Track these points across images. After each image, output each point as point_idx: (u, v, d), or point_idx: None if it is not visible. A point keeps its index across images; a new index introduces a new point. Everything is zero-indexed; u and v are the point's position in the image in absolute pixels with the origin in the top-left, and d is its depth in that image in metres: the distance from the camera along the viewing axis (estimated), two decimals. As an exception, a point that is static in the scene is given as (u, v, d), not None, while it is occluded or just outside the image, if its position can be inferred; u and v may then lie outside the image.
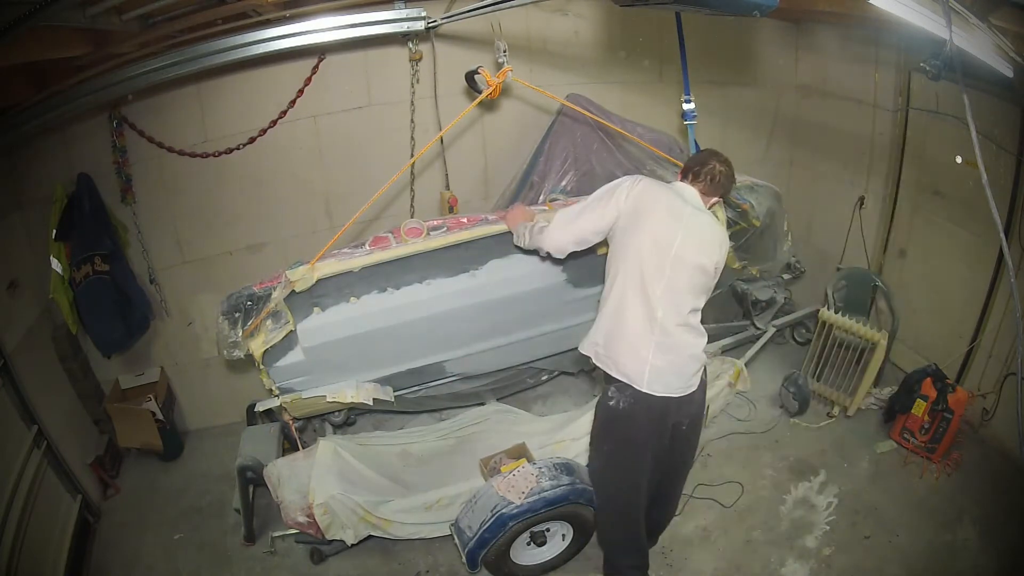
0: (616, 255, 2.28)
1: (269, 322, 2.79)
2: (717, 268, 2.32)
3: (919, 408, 3.45)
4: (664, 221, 2.22)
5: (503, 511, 2.71)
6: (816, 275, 4.30)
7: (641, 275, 2.20)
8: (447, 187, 4.05)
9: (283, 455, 3.30)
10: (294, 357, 2.95)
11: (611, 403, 2.33)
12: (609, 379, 2.34)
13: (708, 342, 2.44)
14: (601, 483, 2.64)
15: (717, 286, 2.46)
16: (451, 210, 3.91)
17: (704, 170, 2.31)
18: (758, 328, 4.10)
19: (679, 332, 2.24)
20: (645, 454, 2.37)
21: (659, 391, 2.25)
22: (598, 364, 2.35)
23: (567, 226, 2.37)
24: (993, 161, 3.11)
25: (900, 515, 3.20)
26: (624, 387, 2.29)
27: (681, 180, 2.38)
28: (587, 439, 3.24)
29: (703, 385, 2.43)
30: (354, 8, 3.08)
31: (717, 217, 2.82)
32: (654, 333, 2.21)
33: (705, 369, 2.43)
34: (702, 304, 2.35)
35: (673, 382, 2.27)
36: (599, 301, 2.40)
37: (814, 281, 4.31)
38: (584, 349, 2.40)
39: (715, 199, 2.38)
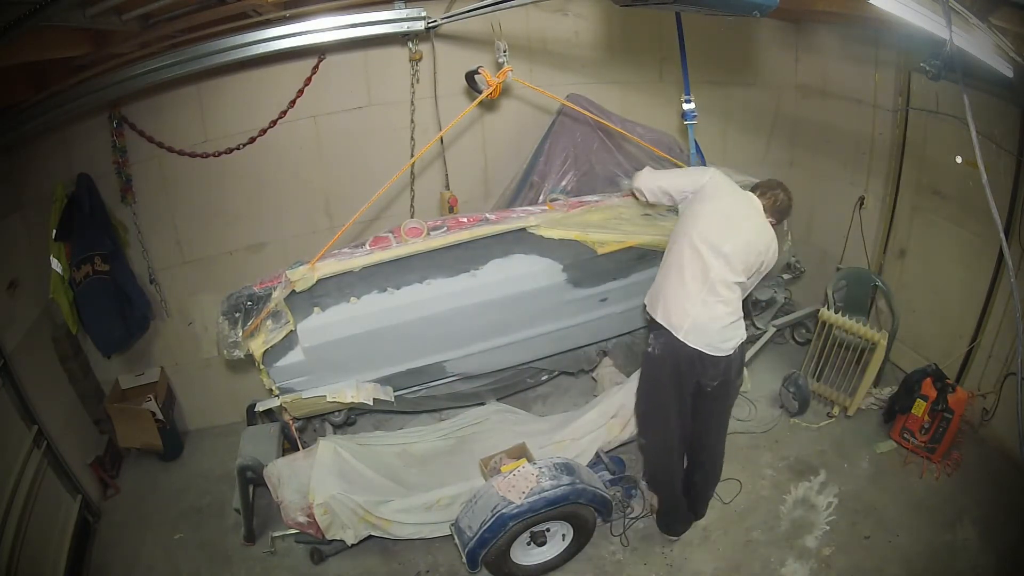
0: (686, 220, 2.63)
1: (269, 322, 2.79)
2: (763, 261, 2.64)
3: (919, 408, 3.45)
4: (735, 201, 2.63)
5: (503, 511, 2.71)
6: (816, 275, 4.30)
7: (704, 238, 2.54)
8: (447, 187, 4.06)
9: (283, 455, 3.30)
10: (294, 357, 2.95)
11: (649, 350, 2.73)
12: (652, 328, 2.72)
13: None
14: (643, 422, 3.01)
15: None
16: (451, 210, 3.91)
17: (771, 192, 2.72)
18: (758, 328, 4.11)
19: (725, 293, 2.56)
20: (671, 394, 2.73)
21: (692, 342, 2.57)
22: (649, 311, 2.70)
23: (656, 176, 2.76)
24: (993, 161, 3.11)
25: (900, 515, 3.20)
26: (661, 334, 2.64)
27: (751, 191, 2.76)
28: (587, 439, 3.28)
29: (736, 361, 2.72)
30: (354, 8, 3.08)
31: None
32: (703, 290, 2.54)
33: (743, 350, 2.76)
34: (746, 284, 2.66)
35: (706, 339, 2.57)
36: (660, 264, 2.72)
37: (814, 281, 4.31)
38: (646, 298, 2.76)
39: (770, 219, 2.71)
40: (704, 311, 2.55)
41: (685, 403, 2.80)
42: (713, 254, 2.53)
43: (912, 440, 3.52)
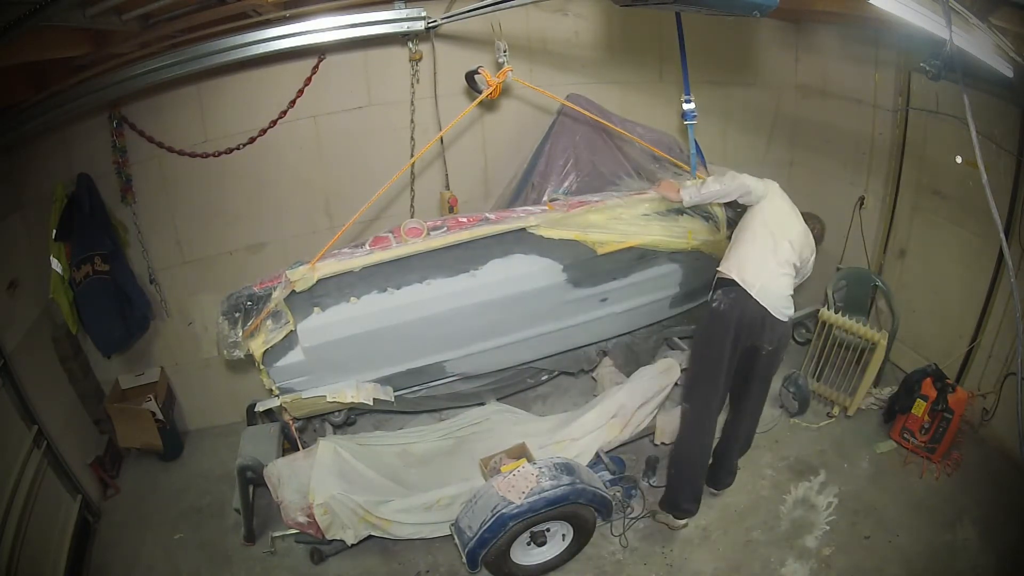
0: (755, 211, 2.98)
1: (269, 322, 2.79)
2: (807, 261, 3.06)
3: (919, 408, 3.45)
4: (791, 207, 3.04)
5: (503, 511, 2.71)
6: (816, 275, 4.27)
7: (774, 224, 2.93)
8: (447, 187, 4.06)
9: (283, 455, 3.30)
10: (294, 357, 2.95)
11: (714, 304, 2.91)
12: (719, 285, 2.94)
13: None
14: (691, 385, 3.12)
15: None
16: (451, 210, 3.91)
17: (812, 221, 3.18)
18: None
19: (788, 269, 2.93)
20: (726, 354, 2.89)
21: (762, 300, 2.82)
22: (722, 271, 2.93)
23: (735, 175, 3.02)
24: (993, 161, 3.11)
25: (900, 515, 3.20)
26: (731, 290, 2.87)
27: None
28: (587, 439, 3.28)
29: (789, 332, 3.05)
30: (354, 8, 3.08)
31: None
32: (773, 261, 2.89)
33: (791, 325, 3.06)
34: (797, 266, 2.98)
35: (772, 301, 2.85)
36: (729, 238, 3.10)
37: (814, 281, 4.28)
38: (720, 266, 2.98)
39: None
40: (772, 279, 2.87)
41: (733, 371, 2.97)
42: (781, 236, 2.90)
43: (912, 440, 3.52)
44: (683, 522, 3.19)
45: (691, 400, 3.08)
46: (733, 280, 2.86)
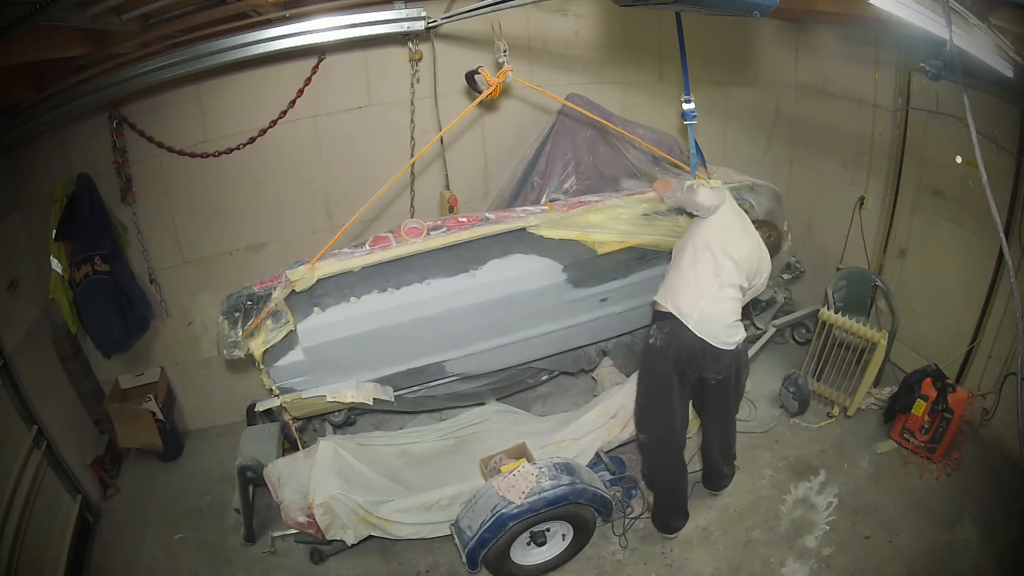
0: (698, 228, 2.81)
1: (269, 322, 2.79)
2: (759, 279, 2.89)
3: (919, 408, 3.45)
4: (742, 221, 2.87)
5: (503, 511, 2.71)
6: (816, 275, 4.30)
7: (717, 243, 2.75)
8: (447, 187, 4.06)
9: (283, 455, 3.30)
10: (294, 357, 2.95)
11: (650, 341, 2.85)
12: (655, 318, 2.86)
13: None
14: (643, 417, 3.07)
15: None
16: (451, 210, 3.92)
17: (766, 228, 3.08)
18: (758, 328, 4.11)
19: (731, 292, 2.77)
20: (673, 386, 2.82)
21: (700, 332, 2.71)
22: (659, 302, 2.84)
23: (695, 191, 2.82)
24: (993, 161, 3.10)
25: (900, 515, 3.20)
26: (665, 323, 2.77)
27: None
28: (587, 439, 3.29)
29: (741, 358, 2.91)
30: (354, 8, 3.08)
31: None
32: (714, 285, 2.73)
33: (746, 349, 2.95)
34: (746, 290, 2.85)
35: (712, 331, 2.72)
36: (668, 261, 2.93)
37: (814, 281, 4.31)
38: (657, 296, 2.88)
39: None
40: (713, 305, 2.72)
41: (686, 396, 2.91)
42: (724, 256, 2.73)
43: (912, 440, 3.52)
44: (674, 535, 3.21)
45: (647, 431, 3.04)
46: (670, 312, 2.75)
